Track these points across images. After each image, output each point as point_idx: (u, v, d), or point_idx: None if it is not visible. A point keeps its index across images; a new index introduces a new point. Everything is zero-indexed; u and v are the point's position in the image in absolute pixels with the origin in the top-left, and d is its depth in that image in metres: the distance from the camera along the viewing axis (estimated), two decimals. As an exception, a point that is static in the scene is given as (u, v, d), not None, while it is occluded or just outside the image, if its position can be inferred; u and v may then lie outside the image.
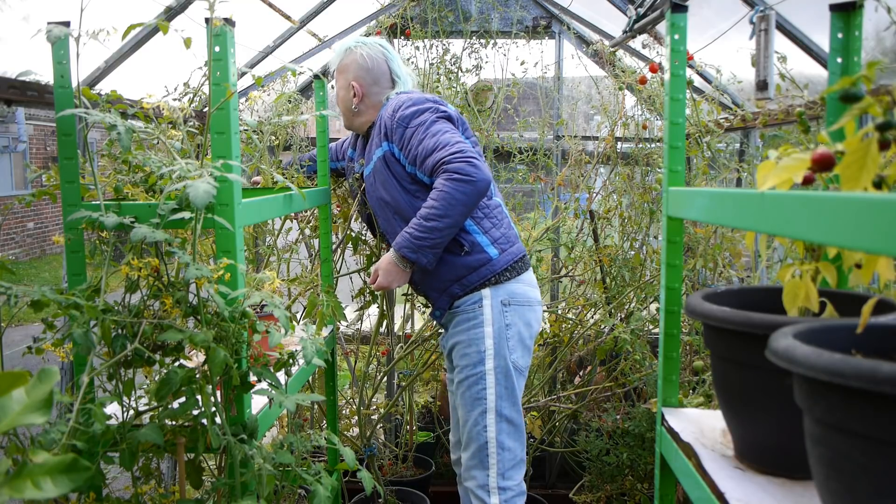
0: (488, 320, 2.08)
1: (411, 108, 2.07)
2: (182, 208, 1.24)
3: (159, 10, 2.74)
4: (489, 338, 2.07)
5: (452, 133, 2.01)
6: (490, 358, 2.06)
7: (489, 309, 2.08)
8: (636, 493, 2.63)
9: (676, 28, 1.35)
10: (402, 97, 2.13)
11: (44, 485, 0.65)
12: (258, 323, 1.32)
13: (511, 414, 2.07)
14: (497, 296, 2.08)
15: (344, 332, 3.25)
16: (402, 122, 2.06)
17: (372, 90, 2.24)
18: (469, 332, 2.09)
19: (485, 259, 2.08)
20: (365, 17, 4.03)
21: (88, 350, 1.20)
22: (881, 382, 0.68)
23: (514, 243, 2.15)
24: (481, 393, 2.06)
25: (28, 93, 2.07)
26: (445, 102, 2.17)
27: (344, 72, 2.24)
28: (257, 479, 1.26)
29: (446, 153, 1.95)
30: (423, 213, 1.97)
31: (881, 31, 2.13)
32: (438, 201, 1.93)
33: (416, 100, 2.11)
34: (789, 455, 1.06)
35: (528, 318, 2.13)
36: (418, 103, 2.09)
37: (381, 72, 2.24)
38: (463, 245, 2.08)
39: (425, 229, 1.96)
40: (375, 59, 2.23)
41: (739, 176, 3.05)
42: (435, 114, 2.06)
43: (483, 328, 2.07)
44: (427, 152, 1.99)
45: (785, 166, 0.85)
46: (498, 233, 2.12)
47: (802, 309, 1.01)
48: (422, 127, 2.03)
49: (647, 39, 3.31)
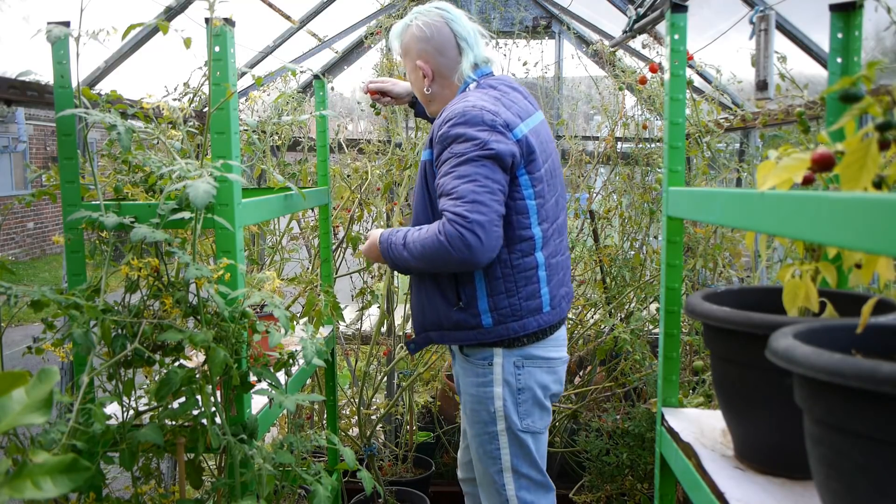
0: (498, 380, 1.82)
1: (459, 129, 1.71)
2: (182, 208, 1.24)
3: (159, 10, 2.74)
4: (499, 399, 1.82)
5: (480, 184, 1.66)
6: (501, 419, 1.83)
7: (499, 368, 1.82)
8: (636, 493, 2.63)
9: (676, 28, 1.35)
10: (460, 106, 1.75)
11: (44, 485, 0.64)
12: (258, 323, 1.32)
13: (530, 472, 1.86)
14: (509, 356, 1.81)
15: (344, 332, 3.25)
16: (445, 140, 1.74)
17: (440, 62, 1.89)
18: (479, 388, 1.84)
19: (474, 324, 1.80)
20: (365, 17, 4.04)
21: (88, 350, 1.20)
22: (881, 382, 0.68)
23: (525, 317, 1.80)
24: (496, 452, 1.85)
25: (28, 93, 2.07)
26: (513, 122, 1.75)
27: (407, 54, 1.93)
28: (257, 479, 1.26)
29: (453, 208, 1.65)
30: (410, 237, 1.74)
31: (881, 31, 2.13)
32: (419, 245, 1.70)
33: (472, 118, 1.71)
34: (789, 455, 1.06)
35: (545, 381, 1.85)
36: (471, 123, 1.71)
37: (444, 38, 1.88)
38: (459, 297, 1.80)
39: (398, 251, 1.75)
40: (434, 25, 1.88)
41: (739, 176, 3.06)
42: (479, 149, 1.68)
43: (493, 388, 1.83)
44: (442, 192, 1.71)
45: (785, 166, 0.85)
46: (506, 302, 1.78)
47: (802, 309, 1.01)
48: (454, 159, 1.70)
49: (647, 39, 3.31)
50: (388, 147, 3.19)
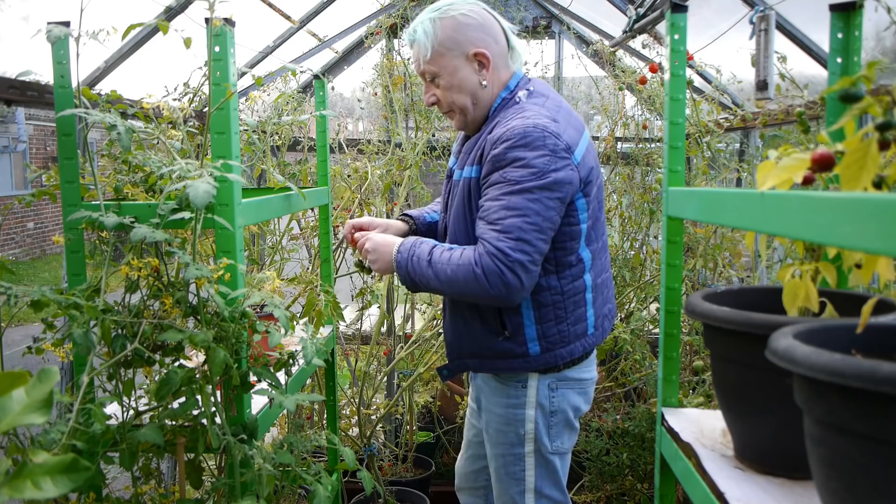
0: (532, 403, 1.72)
1: (517, 152, 1.53)
2: (182, 208, 1.24)
3: (159, 10, 2.74)
4: (530, 422, 1.73)
5: (529, 221, 1.51)
6: (530, 441, 1.74)
7: (534, 391, 1.72)
8: (636, 493, 2.63)
9: (676, 28, 1.35)
10: (519, 124, 1.56)
11: (44, 485, 0.64)
12: (258, 323, 1.32)
13: (553, 492, 1.79)
14: (544, 379, 1.72)
15: (344, 332, 3.25)
16: (498, 161, 1.56)
17: (496, 50, 1.68)
18: (508, 409, 1.74)
19: (519, 353, 1.68)
20: (365, 17, 4.04)
21: (88, 350, 1.20)
22: (881, 382, 0.68)
23: (572, 342, 1.69)
24: (519, 474, 1.77)
25: (28, 93, 2.07)
26: (573, 143, 1.58)
27: (450, 50, 1.65)
28: (257, 479, 1.26)
29: (495, 241, 1.51)
30: (438, 255, 1.59)
31: (881, 31, 2.13)
32: (450, 270, 1.56)
33: (533, 140, 1.53)
34: (789, 455, 1.06)
35: (577, 402, 1.77)
36: (531, 147, 1.53)
37: (493, 25, 1.70)
38: (505, 326, 1.67)
39: (423, 269, 1.60)
40: (478, 11, 1.68)
41: (739, 176, 3.06)
42: (537, 179, 1.51)
43: (525, 410, 1.73)
44: (485, 217, 1.56)
45: (785, 166, 0.85)
46: (554, 329, 1.67)
47: (802, 309, 1.01)
48: (506, 185, 1.53)
49: (647, 39, 3.31)
50: (388, 147, 3.19)
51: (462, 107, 1.70)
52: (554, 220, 1.56)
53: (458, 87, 1.68)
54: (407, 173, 3.00)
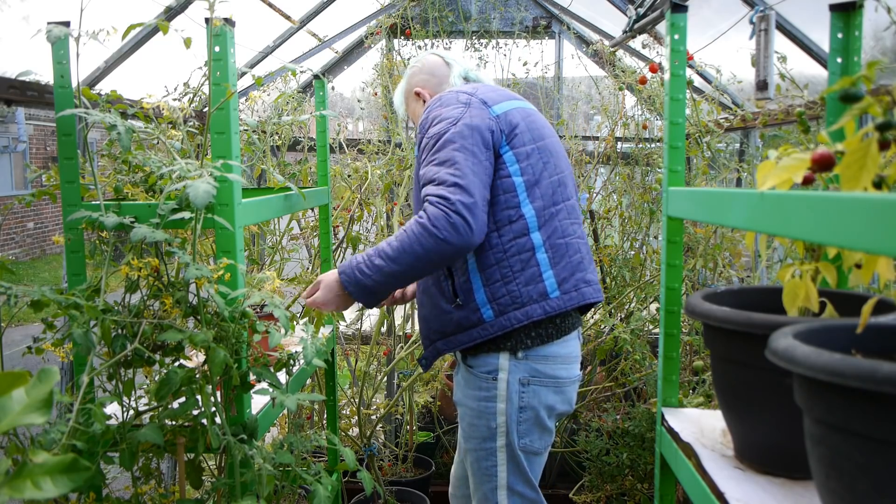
0: (502, 396, 1.74)
1: (434, 112, 1.75)
2: (182, 208, 1.24)
3: (159, 10, 2.74)
4: (501, 415, 1.74)
5: (459, 168, 1.61)
6: (501, 435, 1.75)
7: (504, 384, 1.73)
8: (636, 493, 2.63)
9: (676, 28, 1.35)
10: (436, 98, 1.82)
11: (44, 485, 0.65)
12: (258, 323, 1.32)
13: (525, 490, 1.80)
14: (516, 371, 1.72)
15: (344, 332, 3.25)
16: (423, 126, 1.76)
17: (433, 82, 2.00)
18: (479, 402, 1.76)
19: (475, 320, 1.71)
20: (365, 17, 4.04)
21: (88, 350, 1.20)
22: (881, 382, 0.68)
23: (527, 304, 1.69)
24: (491, 469, 1.78)
25: (28, 93, 2.07)
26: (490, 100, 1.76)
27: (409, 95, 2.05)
28: (257, 479, 1.26)
29: (434, 191, 1.60)
30: (378, 247, 1.64)
31: (880, 31, 2.13)
32: (396, 242, 1.60)
33: (445, 99, 1.76)
34: (789, 455, 1.06)
35: (551, 401, 1.76)
36: (445, 104, 1.75)
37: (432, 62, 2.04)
38: (457, 295, 1.73)
39: (371, 266, 1.63)
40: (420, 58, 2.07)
41: (739, 176, 3.06)
42: (454, 125, 1.67)
43: (496, 403, 1.74)
44: (424, 181, 1.67)
45: (785, 166, 0.85)
46: (503, 290, 1.69)
47: (802, 309, 1.01)
48: (432, 142, 1.69)
49: (647, 39, 3.31)
50: (388, 147, 3.19)
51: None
52: (483, 165, 1.65)
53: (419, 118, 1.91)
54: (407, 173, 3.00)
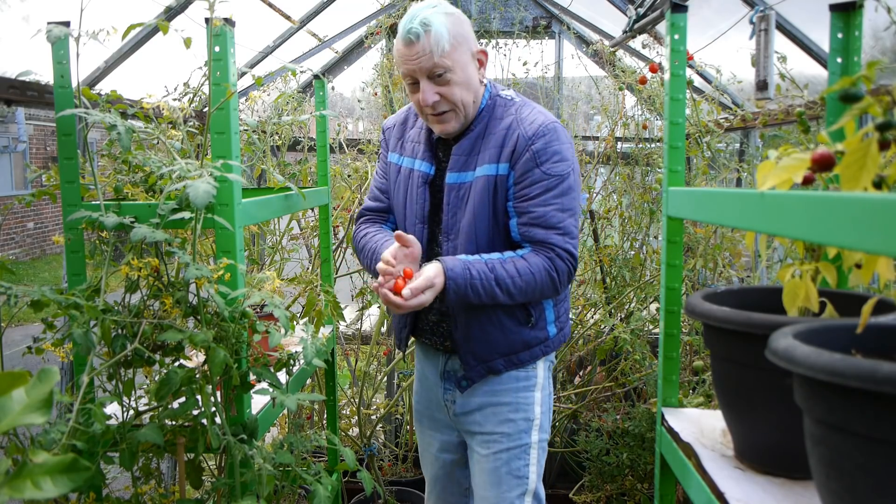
0: (540, 384, 1.73)
1: (555, 146, 1.61)
2: (182, 208, 1.24)
3: (159, 10, 2.74)
4: (538, 405, 1.72)
5: (574, 216, 1.64)
6: (536, 429, 1.72)
7: (542, 371, 1.74)
8: (636, 493, 2.63)
9: (676, 28, 1.35)
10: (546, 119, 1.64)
11: (44, 485, 0.64)
12: (258, 323, 1.32)
13: (541, 494, 1.75)
14: (546, 358, 1.77)
15: (344, 332, 3.25)
16: (539, 156, 1.60)
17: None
18: (519, 393, 1.71)
19: (542, 337, 1.72)
20: (365, 17, 4.04)
21: (88, 350, 1.20)
22: (881, 382, 0.68)
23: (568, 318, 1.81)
24: (524, 470, 1.69)
25: (28, 93, 2.07)
26: None
27: (461, 43, 1.62)
28: (257, 479, 1.26)
29: (563, 244, 1.59)
30: (501, 275, 1.56)
31: (879, 30, 2.13)
32: (521, 282, 1.56)
33: (563, 133, 1.64)
34: (789, 455, 1.06)
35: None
36: (563, 140, 1.63)
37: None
38: (531, 315, 1.69)
39: (487, 292, 1.56)
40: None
41: (739, 176, 3.06)
42: (574, 173, 1.64)
43: (534, 392, 1.72)
44: (544, 222, 1.59)
45: (785, 166, 0.85)
46: (563, 307, 1.77)
47: (802, 309, 1.01)
48: (554, 181, 1.60)
49: (647, 39, 3.31)
50: (388, 147, 3.18)
51: (465, 105, 1.64)
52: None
53: (466, 83, 1.63)
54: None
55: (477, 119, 1.69)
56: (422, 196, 1.72)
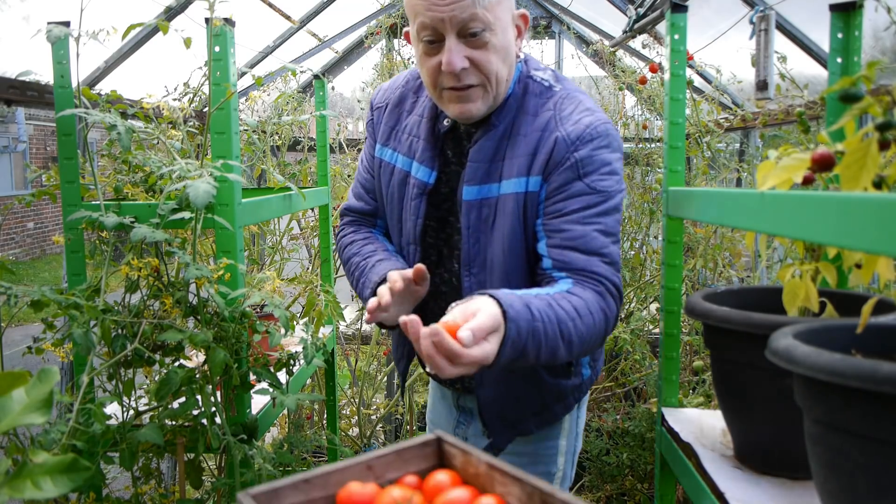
0: (566, 430, 1.43)
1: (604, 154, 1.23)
2: (182, 208, 1.24)
3: (159, 10, 2.74)
4: (562, 455, 1.43)
5: (619, 244, 1.25)
6: (557, 482, 1.44)
7: (569, 416, 1.43)
8: (636, 493, 2.63)
9: (676, 28, 1.35)
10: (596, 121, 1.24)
11: (44, 485, 0.65)
12: (258, 323, 1.32)
13: None
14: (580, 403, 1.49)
15: (344, 332, 3.25)
16: (584, 165, 1.21)
17: None
18: (540, 443, 1.41)
19: (577, 383, 1.39)
20: (365, 17, 4.04)
21: (88, 350, 1.20)
22: (881, 382, 0.68)
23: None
24: None
25: (28, 93, 2.07)
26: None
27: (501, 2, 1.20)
28: (257, 479, 1.26)
29: (612, 276, 1.20)
30: (559, 310, 1.10)
31: (879, 30, 2.13)
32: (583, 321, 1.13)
33: (612, 139, 1.25)
34: (789, 455, 1.06)
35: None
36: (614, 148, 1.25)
37: None
38: (571, 364, 1.36)
39: (551, 337, 1.09)
40: None
41: (739, 176, 3.06)
42: (621, 191, 1.25)
43: (559, 441, 1.42)
44: (583, 245, 1.19)
45: (785, 166, 0.85)
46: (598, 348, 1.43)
47: (802, 309, 1.01)
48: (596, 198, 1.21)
49: (647, 39, 3.31)
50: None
51: (499, 81, 1.23)
52: None
53: (505, 50, 1.22)
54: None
55: (502, 109, 1.27)
56: (415, 211, 1.34)
